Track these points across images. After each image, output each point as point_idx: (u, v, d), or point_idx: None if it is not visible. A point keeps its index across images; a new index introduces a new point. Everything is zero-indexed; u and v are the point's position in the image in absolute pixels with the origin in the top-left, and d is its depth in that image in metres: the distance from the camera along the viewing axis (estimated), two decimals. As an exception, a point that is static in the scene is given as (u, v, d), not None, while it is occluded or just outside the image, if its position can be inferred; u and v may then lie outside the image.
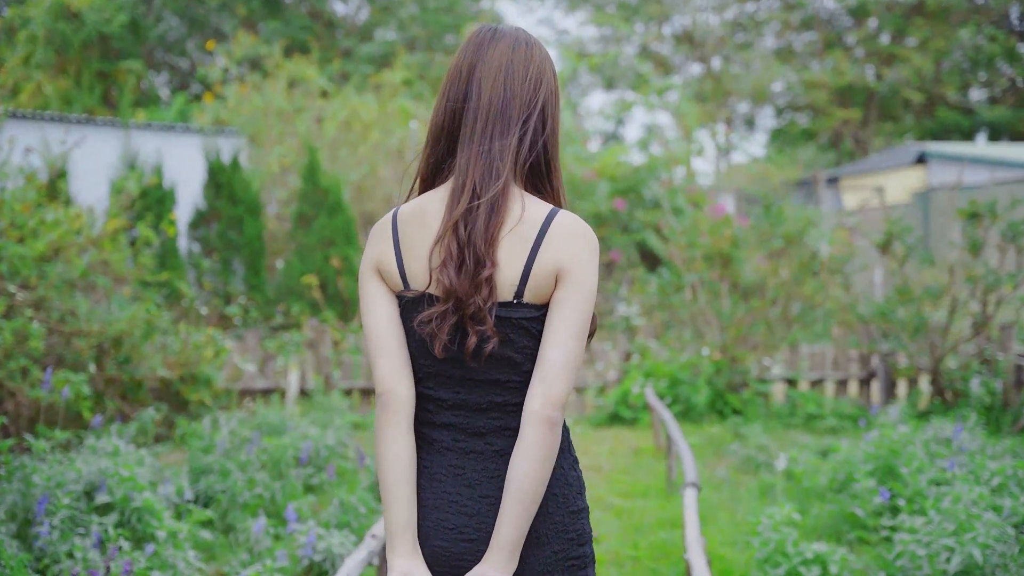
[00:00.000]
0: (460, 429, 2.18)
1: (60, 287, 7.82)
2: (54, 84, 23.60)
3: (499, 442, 2.15)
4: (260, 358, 9.94)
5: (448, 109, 2.21)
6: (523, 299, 2.10)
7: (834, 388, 10.23)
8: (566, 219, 2.15)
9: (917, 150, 23.00)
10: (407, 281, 2.18)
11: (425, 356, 2.18)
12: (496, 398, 2.15)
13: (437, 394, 2.19)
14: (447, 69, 2.27)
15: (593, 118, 28.11)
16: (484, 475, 2.15)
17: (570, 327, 2.09)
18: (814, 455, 7.64)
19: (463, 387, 2.17)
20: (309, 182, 13.63)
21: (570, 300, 2.09)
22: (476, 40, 2.23)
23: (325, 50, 28.17)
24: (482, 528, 2.13)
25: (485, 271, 2.07)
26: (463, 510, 2.15)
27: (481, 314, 2.08)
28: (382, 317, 2.20)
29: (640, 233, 16.50)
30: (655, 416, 8.22)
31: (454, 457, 2.18)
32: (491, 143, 2.15)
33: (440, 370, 2.17)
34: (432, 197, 2.20)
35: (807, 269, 9.78)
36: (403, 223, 2.20)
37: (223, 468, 6.04)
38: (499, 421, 2.16)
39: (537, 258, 2.09)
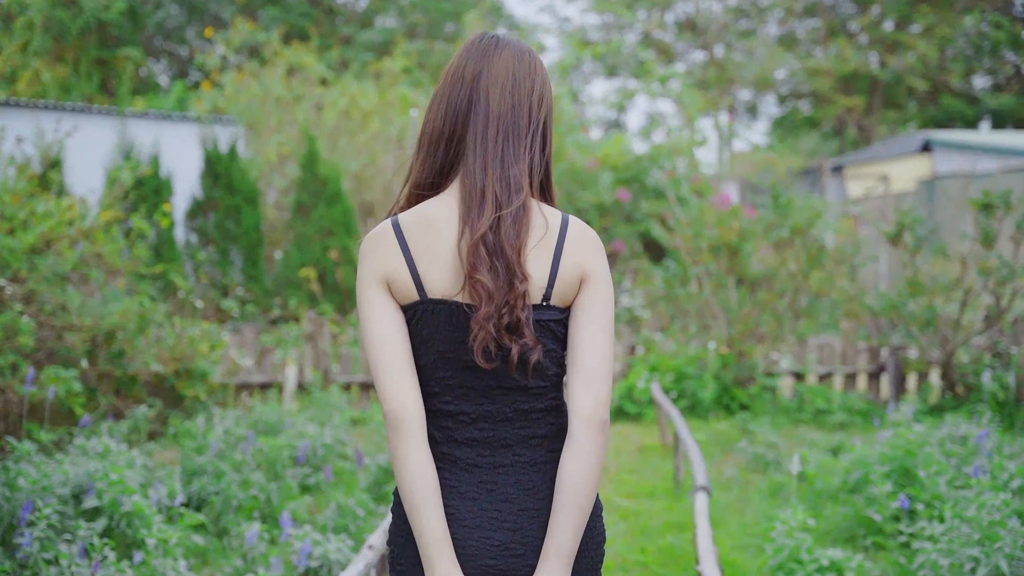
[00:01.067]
0: (485, 443, 2.14)
1: (51, 280, 7.62)
2: (52, 71, 23.34)
3: (527, 453, 2.14)
4: (257, 352, 9.74)
5: (450, 115, 2.19)
6: (550, 301, 2.11)
7: (843, 382, 10.03)
8: (580, 225, 2.18)
9: (922, 138, 22.77)
10: (424, 290, 2.12)
11: (446, 367, 2.13)
12: (523, 405, 2.14)
13: (458, 408, 2.14)
14: (444, 73, 2.24)
15: (595, 106, 27.88)
16: (519, 488, 2.13)
17: (603, 326, 2.12)
18: (825, 453, 7.46)
19: (487, 397, 2.13)
20: (308, 171, 13.42)
21: (596, 300, 2.13)
22: (479, 47, 2.22)
23: (324, 37, 27.93)
24: (527, 542, 2.11)
25: (521, 285, 2.06)
26: (505, 526, 2.12)
27: (520, 325, 2.07)
28: (388, 329, 2.13)
29: (643, 223, 16.28)
30: (661, 412, 8.03)
31: (484, 473, 2.14)
32: (504, 152, 2.15)
33: (463, 381, 2.13)
34: (437, 205, 2.16)
35: (815, 261, 9.57)
36: (409, 232, 2.14)
37: (217, 469, 5.85)
38: (525, 430, 2.14)
39: (561, 263, 2.11)
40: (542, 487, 2.13)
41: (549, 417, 2.16)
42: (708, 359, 9.61)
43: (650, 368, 9.60)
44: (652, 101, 21.15)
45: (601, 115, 27.88)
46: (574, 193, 16.16)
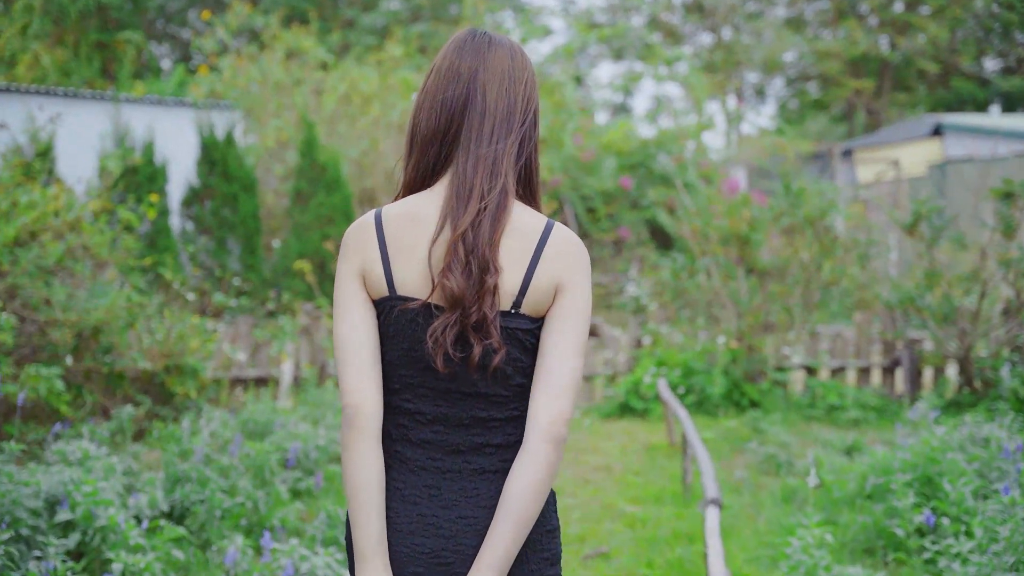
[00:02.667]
0: (437, 446, 2.11)
1: (34, 274, 7.32)
2: (52, 55, 23.05)
3: (478, 460, 2.10)
4: (252, 345, 9.45)
5: (444, 112, 2.15)
6: (520, 310, 2.07)
7: (856, 376, 9.72)
8: (564, 233, 2.12)
9: (933, 121, 22.40)
10: (394, 287, 2.09)
11: (408, 366, 2.10)
12: (480, 412, 2.09)
13: (416, 407, 2.11)
14: (435, 70, 2.20)
15: (601, 90, 27.50)
16: (461, 495, 2.10)
17: (574, 342, 2.06)
18: (839, 454, 7.16)
19: (446, 400, 2.10)
20: (307, 158, 13.11)
21: (571, 315, 2.08)
22: (473, 44, 2.20)
23: (326, 21, 27.55)
24: (459, 550, 2.08)
25: (491, 278, 2.02)
26: (439, 532, 2.08)
27: (486, 324, 2.03)
28: (358, 325, 2.11)
29: (650, 210, 15.95)
30: (668, 410, 7.72)
31: (429, 477, 2.11)
32: (496, 150, 2.12)
33: (423, 381, 2.10)
34: (423, 200, 2.14)
35: (828, 252, 9.24)
36: (390, 226, 2.12)
37: (201, 476, 5.55)
38: (479, 438, 2.10)
39: (537, 269, 2.07)
40: (486, 496, 2.08)
41: (507, 427, 2.10)
42: (717, 353, 9.30)
43: (657, 363, 9.29)
44: (658, 85, 20.73)
45: (607, 99, 27.50)
46: (579, 179, 15.83)
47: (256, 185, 12.93)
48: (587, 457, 7.56)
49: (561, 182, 15.35)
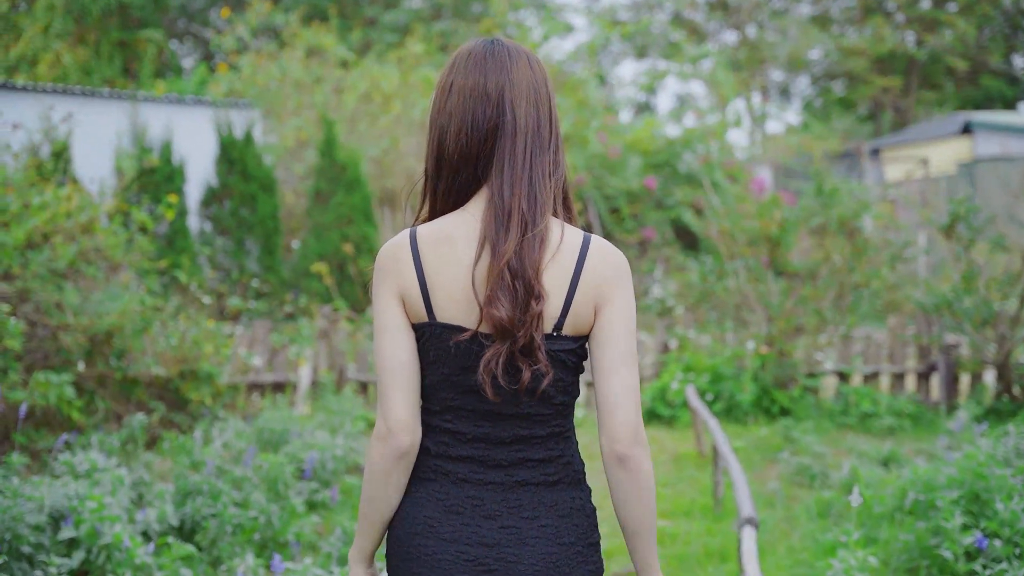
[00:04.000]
0: (479, 461, 2.10)
1: (46, 277, 7.13)
2: (73, 54, 22.97)
3: (519, 473, 2.11)
4: (269, 349, 9.24)
5: (476, 134, 2.09)
6: (562, 331, 2.06)
7: (889, 382, 9.43)
8: (601, 247, 2.10)
9: (962, 119, 22.06)
10: (433, 313, 2.06)
11: (449, 389, 2.09)
12: (522, 431, 2.10)
13: (456, 427, 2.10)
14: (455, 90, 2.11)
15: (624, 88, 27.23)
16: (504, 506, 2.10)
17: (622, 352, 2.07)
18: (875, 465, 6.89)
19: (487, 420, 2.09)
20: (326, 157, 12.92)
21: (615, 328, 2.07)
22: (495, 59, 2.12)
23: (347, 19, 27.38)
24: (502, 558, 2.08)
25: (538, 305, 2.01)
26: (483, 541, 2.09)
27: (533, 349, 2.02)
28: (399, 348, 2.08)
29: (675, 210, 15.67)
30: (697, 418, 7.47)
31: (472, 488, 2.11)
32: (531, 169, 2.07)
33: (464, 403, 2.09)
34: (457, 222, 2.09)
35: (862, 255, 8.95)
36: (426, 250, 2.07)
37: (213, 489, 5.33)
38: (521, 453, 2.10)
39: (576, 292, 2.05)
40: (528, 507, 2.10)
41: (548, 443, 2.12)
42: (746, 358, 9.04)
43: (684, 368, 9.03)
44: (683, 83, 20.45)
45: (631, 97, 27.19)
46: (603, 179, 15.57)
47: (275, 185, 12.75)
48: (613, 467, 7.31)
49: (585, 181, 15.10)
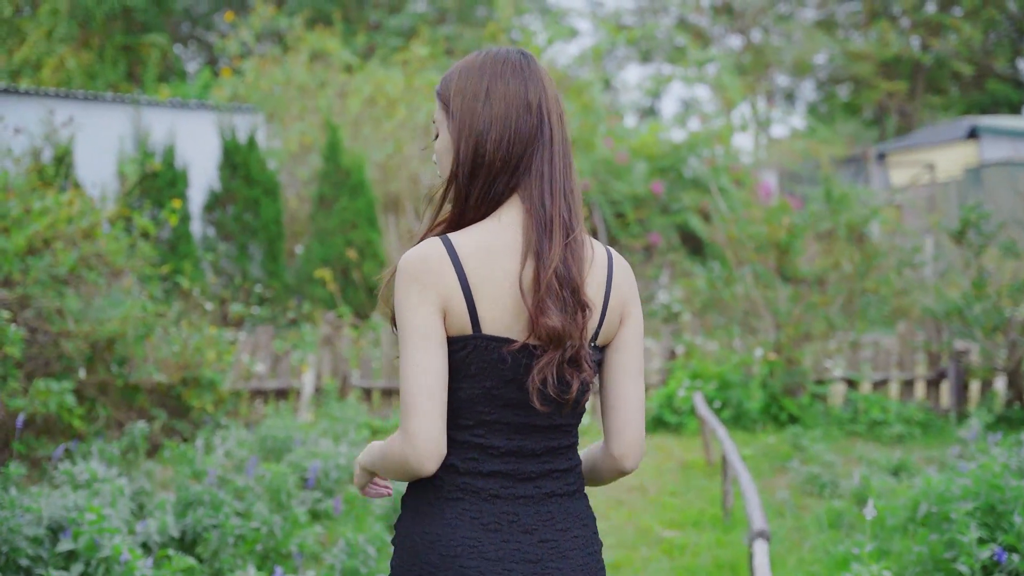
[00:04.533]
0: (508, 476, 2.07)
1: (46, 283, 7.05)
2: (77, 58, 22.93)
3: (547, 484, 2.10)
4: (272, 355, 9.16)
5: (518, 143, 2.09)
6: (596, 341, 2.11)
7: (898, 389, 9.33)
8: (622, 260, 2.19)
9: (968, 124, 21.96)
10: (479, 325, 2.02)
11: (487, 403, 2.05)
12: (552, 442, 2.10)
13: (488, 441, 2.06)
14: (501, 97, 2.10)
15: (629, 92, 27.15)
16: (538, 519, 2.08)
17: (639, 366, 2.15)
18: (886, 474, 6.80)
19: (520, 433, 2.07)
20: (330, 161, 12.84)
21: (635, 339, 2.15)
22: (530, 68, 2.14)
23: (351, 23, 27.32)
24: (546, 574, 2.06)
25: (587, 312, 2.04)
26: (526, 557, 2.06)
27: (582, 357, 2.04)
28: (433, 362, 2.00)
29: (681, 215, 15.58)
30: (705, 427, 7.38)
31: (504, 504, 2.07)
32: (565, 178, 2.10)
33: (500, 417, 2.06)
34: (493, 231, 2.06)
35: (871, 262, 8.86)
36: (469, 260, 2.02)
37: (214, 499, 5.24)
38: (549, 464, 2.10)
39: (610, 300, 2.11)
40: (560, 518, 2.10)
41: (569, 453, 2.13)
42: (754, 365, 8.94)
43: (692, 375, 8.93)
44: (688, 87, 20.37)
45: (635, 101, 27.13)
46: (608, 184, 15.48)
47: (279, 189, 12.67)
48: (620, 476, 7.22)
49: (590, 186, 15.01)
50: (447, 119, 2.14)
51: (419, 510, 2.08)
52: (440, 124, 2.16)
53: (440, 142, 2.16)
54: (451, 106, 2.13)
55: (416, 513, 2.09)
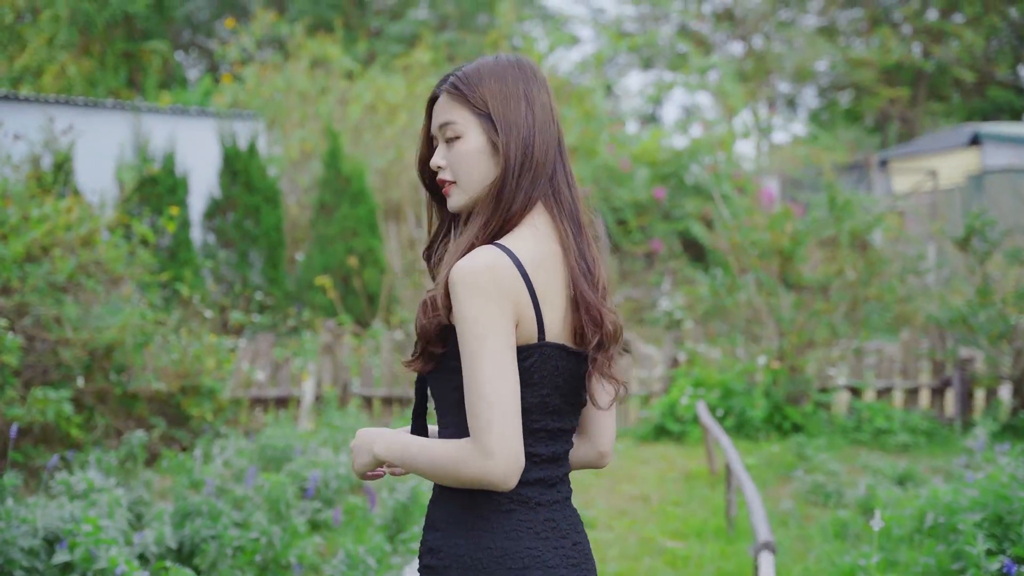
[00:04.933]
0: (544, 482, 2.10)
1: (44, 291, 7.00)
2: (78, 65, 22.89)
3: (565, 488, 2.15)
4: (272, 363, 9.10)
5: (553, 146, 2.14)
6: None
7: (903, 397, 9.27)
8: None
9: (971, 131, 21.89)
10: (544, 333, 2.04)
11: (540, 411, 2.07)
12: (568, 446, 2.15)
13: (534, 450, 2.07)
14: (540, 104, 2.14)
15: (631, 99, 27.10)
16: (566, 523, 2.12)
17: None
18: (891, 483, 6.73)
19: (555, 440, 2.11)
20: (331, 168, 12.79)
21: None
22: (542, 76, 2.18)
23: (352, 30, 27.30)
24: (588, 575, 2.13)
25: (616, 316, 2.13)
26: (570, 561, 2.09)
27: (613, 358, 2.12)
28: (512, 374, 1.98)
29: (683, 222, 15.52)
30: (708, 436, 7.32)
31: (544, 511, 2.09)
32: (575, 183, 2.18)
33: (544, 424, 2.08)
34: (536, 237, 2.08)
35: (875, 268, 8.80)
36: (534, 270, 2.03)
37: (213, 509, 5.18)
38: (564, 468, 2.15)
39: None
40: (577, 520, 2.15)
41: (569, 455, 2.18)
42: (757, 373, 8.88)
43: (694, 383, 8.87)
44: (689, 94, 20.32)
45: (637, 108, 27.06)
46: (610, 190, 15.43)
47: (279, 196, 12.62)
48: (623, 485, 7.15)
49: (591, 193, 14.95)
50: (477, 120, 2.10)
51: (474, 525, 2.04)
52: (465, 126, 2.11)
53: (466, 144, 2.11)
54: (490, 109, 2.10)
55: (470, 528, 2.05)
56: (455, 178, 2.12)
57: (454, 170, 2.12)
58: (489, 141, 2.10)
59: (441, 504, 2.09)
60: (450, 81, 2.15)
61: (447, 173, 2.13)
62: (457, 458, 1.96)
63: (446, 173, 2.13)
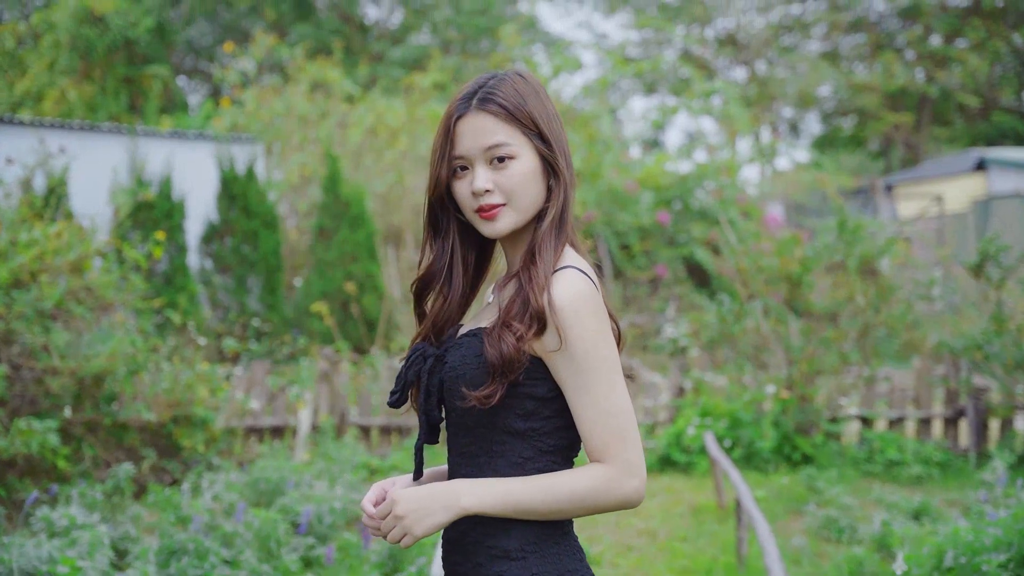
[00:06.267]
0: None
1: (31, 318, 6.79)
2: (78, 90, 22.82)
3: None
4: (268, 391, 8.88)
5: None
6: None
7: (915, 426, 9.02)
8: None
9: (976, 156, 21.77)
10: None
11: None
12: None
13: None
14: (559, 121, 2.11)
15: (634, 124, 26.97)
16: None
17: None
18: (907, 518, 6.49)
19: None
20: (330, 193, 12.60)
21: None
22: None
23: (354, 54, 27.21)
24: None
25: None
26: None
27: None
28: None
29: (687, 247, 15.31)
30: (716, 468, 7.08)
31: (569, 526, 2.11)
32: None
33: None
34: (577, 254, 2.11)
35: (887, 294, 8.57)
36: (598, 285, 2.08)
37: (199, 547, 4.95)
38: None
39: None
40: None
41: None
42: (766, 403, 8.64)
43: (701, 413, 8.63)
44: (693, 119, 20.15)
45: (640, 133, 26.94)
46: (614, 215, 15.22)
47: (277, 221, 12.43)
48: (629, 519, 6.90)
49: (595, 217, 14.76)
50: (527, 139, 2.04)
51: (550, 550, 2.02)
52: (519, 147, 2.04)
53: (522, 165, 2.04)
54: (540, 127, 2.05)
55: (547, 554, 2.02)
56: (507, 200, 2.04)
57: (507, 192, 2.03)
58: (542, 161, 2.05)
59: (513, 534, 2.00)
60: (492, 99, 2.03)
61: (495, 196, 2.03)
62: (599, 485, 1.95)
63: (494, 196, 2.03)
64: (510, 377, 1.97)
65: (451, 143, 2.05)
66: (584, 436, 1.98)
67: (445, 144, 2.06)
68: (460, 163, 2.06)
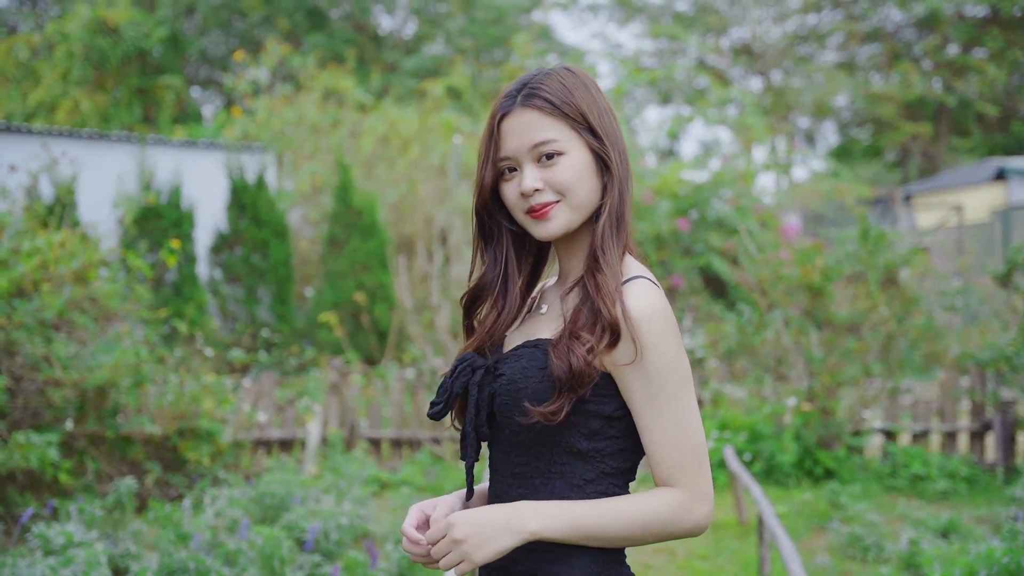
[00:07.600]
0: None
1: (32, 328, 6.61)
2: (92, 101, 22.78)
3: None
4: (276, 403, 8.69)
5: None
6: None
7: (940, 440, 8.79)
8: None
9: (995, 166, 21.54)
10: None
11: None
12: None
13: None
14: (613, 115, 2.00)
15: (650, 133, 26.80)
16: None
17: None
18: (935, 536, 6.26)
19: None
20: (341, 202, 12.43)
21: None
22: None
23: (367, 64, 27.10)
24: None
25: None
26: None
27: None
28: None
29: (703, 256, 15.09)
30: (736, 483, 6.86)
31: None
32: None
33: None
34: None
35: (911, 305, 8.35)
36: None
37: (200, 566, 4.77)
38: None
39: None
40: None
41: None
42: (786, 416, 8.42)
43: (720, 426, 8.41)
44: (708, 128, 19.98)
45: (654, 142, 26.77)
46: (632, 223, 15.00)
47: (288, 231, 12.26)
48: (645, 536, 6.69)
49: (610, 227, 14.53)
50: (576, 135, 1.92)
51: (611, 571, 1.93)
52: (568, 142, 1.92)
53: (573, 160, 1.92)
54: (591, 122, 1.93)
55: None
56: (561, 197, 1.92)
57: (560, 189, 1.91)
58: (594, 156, 1.93)
59: (575, 563, 1.88)
60: (538, 94, 1.91)
61: (547, 195, 1.92)
62: (672, 512, 1.84)
63: (545, 194, 1.92)
64: (578, 392, 1.85)
65: (496, 144, 1.94)
66: (655, 457, 1.87)
67: (489, 146, 1.95)
68: (508, 164, 1.95)
